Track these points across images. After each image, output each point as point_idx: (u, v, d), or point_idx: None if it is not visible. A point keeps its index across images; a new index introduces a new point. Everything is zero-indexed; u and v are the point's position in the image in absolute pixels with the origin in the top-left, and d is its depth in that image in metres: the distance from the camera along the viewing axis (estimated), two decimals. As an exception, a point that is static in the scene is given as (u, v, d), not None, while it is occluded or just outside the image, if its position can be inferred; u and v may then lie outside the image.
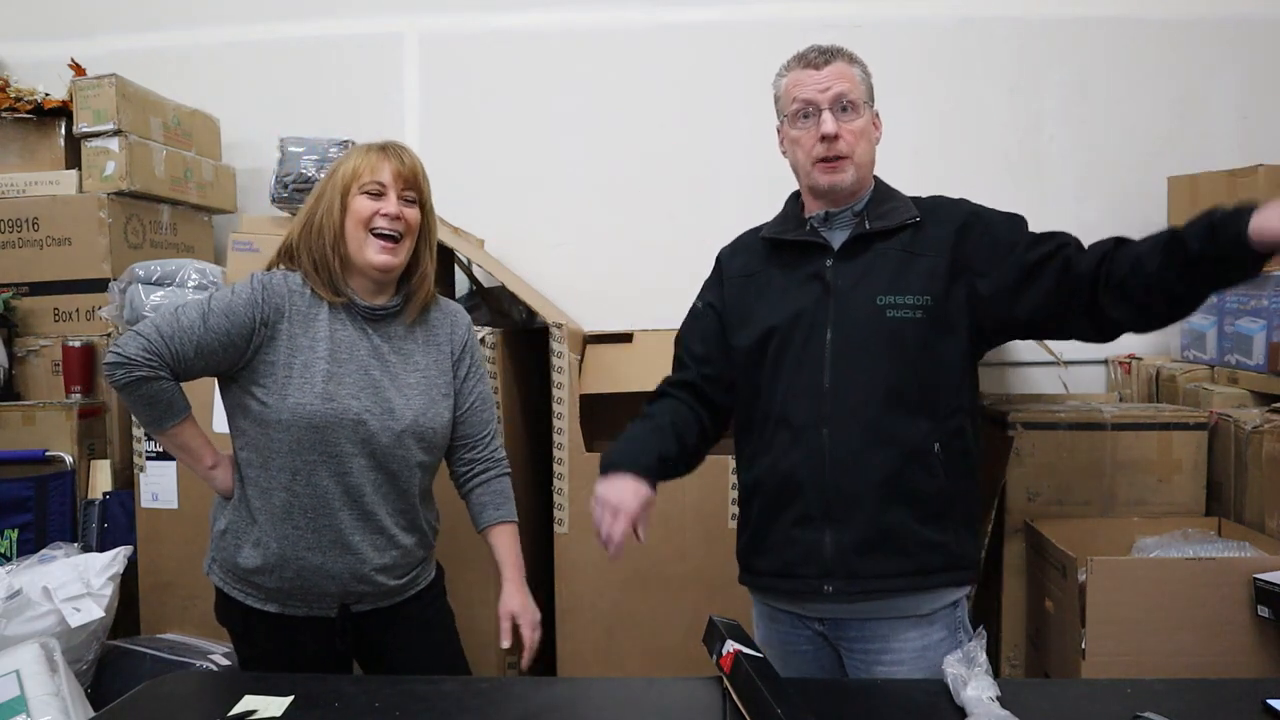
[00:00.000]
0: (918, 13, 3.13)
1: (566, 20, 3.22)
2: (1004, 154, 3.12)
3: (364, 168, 1.67)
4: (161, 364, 1.61)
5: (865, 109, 1.64)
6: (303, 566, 1.66)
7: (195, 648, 2.36)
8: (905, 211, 1.64)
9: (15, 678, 2.02)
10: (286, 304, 1.67)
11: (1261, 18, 3.05)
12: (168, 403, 1.65)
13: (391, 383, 1.69)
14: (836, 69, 1.62)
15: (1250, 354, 2.57)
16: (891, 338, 1.57)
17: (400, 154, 1.70)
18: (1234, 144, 3.01)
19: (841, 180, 1.62)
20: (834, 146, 1.60)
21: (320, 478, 1.64)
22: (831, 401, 1.58)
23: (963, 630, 1.64)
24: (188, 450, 1.71)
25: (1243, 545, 2.21)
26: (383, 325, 1.72)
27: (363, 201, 1.66)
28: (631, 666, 2.39)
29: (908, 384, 1.57)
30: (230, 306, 1.64)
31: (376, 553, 1.69)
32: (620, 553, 1.50)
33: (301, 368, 1.63)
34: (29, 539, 2.51)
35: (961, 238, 1.61)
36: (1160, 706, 1.31)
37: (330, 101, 3.21)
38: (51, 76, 2.86)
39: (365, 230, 1.66)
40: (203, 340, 1.62)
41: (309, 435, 1.62)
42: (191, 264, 2.47)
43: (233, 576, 1.71)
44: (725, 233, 1.87)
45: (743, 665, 1.37)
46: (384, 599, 1.74)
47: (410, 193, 1.70)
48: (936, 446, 1.58)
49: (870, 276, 1.60)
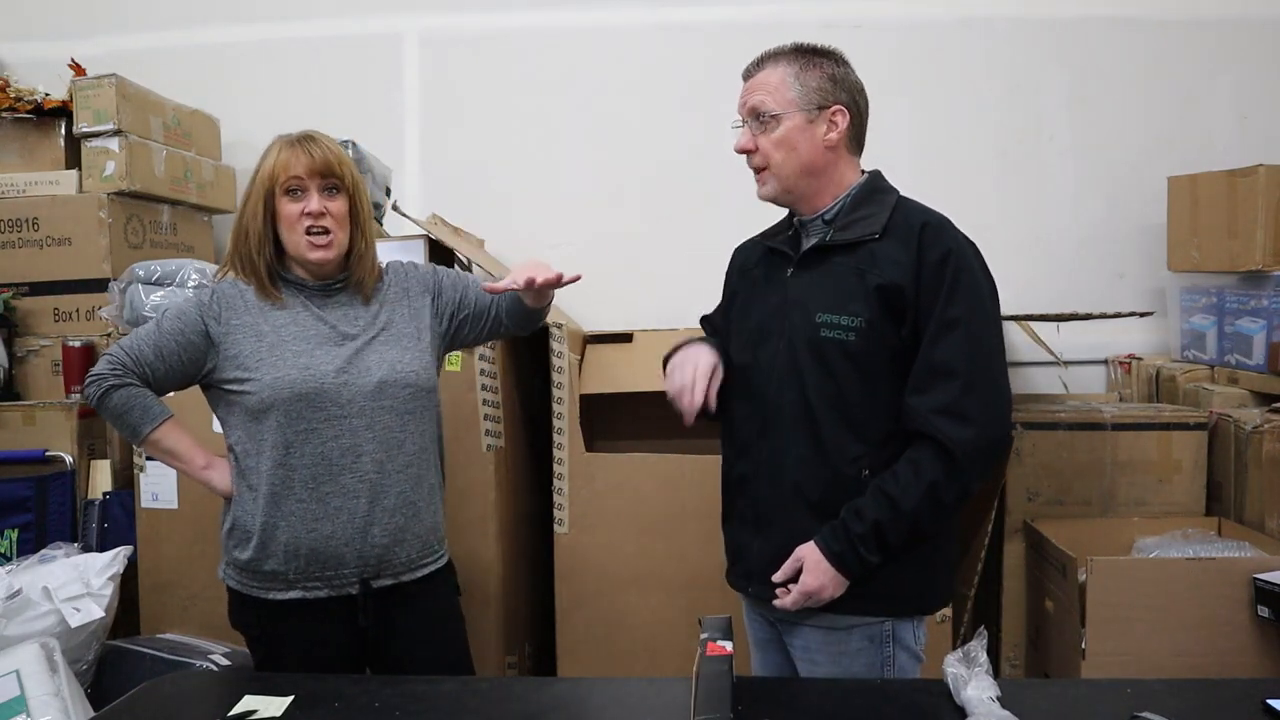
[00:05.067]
0: (918, 13, 3.13)
1: (567, 20, 3.22)
2: (1004, 154, 3.12)
3: (279, 167, 1.69)
4: (125, 371, 1.70)
5: (789, 116, 1.56)
6: (314, 540, 1.67)
7: (195, 648, 2.36)
8: (869, 226, 1.56)
9: (15, 678, 2.02)
10: (240, 301, 1.73)
11: (1261, 18, 3.05)
12: (141, 408, 1.71)
13: (362, 342, 1.72)
14: (759, 79, 1.59)
15: (1250, 354, 2.58)
16: (823, 358, 1.54)
17: (312, 146, 1.70)
18: (1234, 144, 3.01)
19: (764, 192, 1.61)
20: (750, 161, 1.60)
21: (313, 445, 1.67)
22: (775, 414, 1.59)
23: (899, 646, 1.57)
24: (175, 455, 1.76)
25: (1243, 545, 2.21)
26: (337, 298, 1.76)
27: (286, 204, 1.69)
28: (631, 666, 2.39)
29: (836, 405, 1.54)
30: (181, 309, 1.75)
31: (385, 514, 1.70)
32: (694, 413, 1.60)
33: (269, 349, 1.68)
34: (29, 539, 2.51)
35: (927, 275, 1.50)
36: (1160, 706, 1.31)
37: (330, 101, 3.21)
38: (51, 76, 2.86)
39: (297, 230, 1.69)
40: (159, 342, 1.71)
41: (294, 406, 1.65)
42: (191, 264, 2.47)
43: (247, 573, 1.72)
44: (725, 233, 1.87)
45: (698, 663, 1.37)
46: (403, 571, 1.74)
47: (331, 181, 1.71)
48: (865, 473, 1.53)
49: (817, 292, 1.56)
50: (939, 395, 1.49)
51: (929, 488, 1.48)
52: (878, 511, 1.49)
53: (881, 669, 1.56)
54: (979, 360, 1.51)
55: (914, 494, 1.48)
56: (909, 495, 1.48)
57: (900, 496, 1.48)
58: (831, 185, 1.61)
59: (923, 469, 1.48)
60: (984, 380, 1.50)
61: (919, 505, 1.48)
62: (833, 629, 1.57)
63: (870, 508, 1.50)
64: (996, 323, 1.57)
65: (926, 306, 1.50)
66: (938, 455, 1.48)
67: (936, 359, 1.49)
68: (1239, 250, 2.59)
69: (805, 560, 1.52)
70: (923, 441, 1.50)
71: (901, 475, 1.49)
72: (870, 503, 1.50)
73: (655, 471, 2.40)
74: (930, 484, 1.48)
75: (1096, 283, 3.07)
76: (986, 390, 1.51)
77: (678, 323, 2.62)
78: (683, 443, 2.45)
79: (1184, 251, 2.83)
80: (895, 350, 1.53)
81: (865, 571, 1.51)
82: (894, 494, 1.49)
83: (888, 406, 1.54)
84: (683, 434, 2.38)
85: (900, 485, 1.49)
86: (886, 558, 1.51)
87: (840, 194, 1.61)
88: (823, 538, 1.52)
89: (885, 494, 1.49)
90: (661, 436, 2.52)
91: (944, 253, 1.51)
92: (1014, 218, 3.09)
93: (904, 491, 1.48)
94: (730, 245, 1.84)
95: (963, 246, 1.55)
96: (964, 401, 1.48)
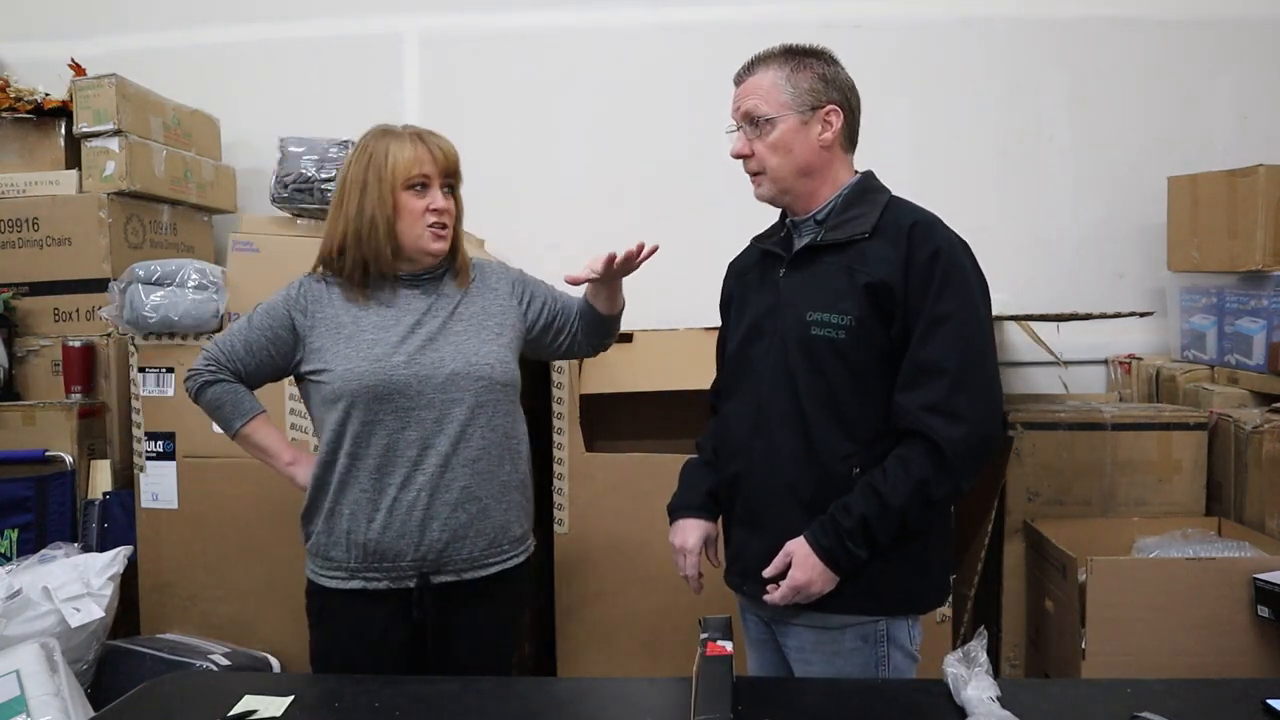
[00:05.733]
0: (918, 13, 3.14)
1: (567, 20, 3.22)
2: (1004, 154, 3.13)
3: (412, 163, 1.73)
4: (219, 366, 1.80)
5: (784, 119, 1.56)
6: (373, 531, 1.70)
7: (195, 648, 2.36)
8: (859, 225, 1.56)
9: (15, 678, 2.02)
10: (325, 295, 1.78)
11: (1261, 18, 3.06)
12: (234, 403, 1.81)
13: (440, 333, 1.76)
14: (751, 83, 1.59)
15: (1250, 354, 2.58)
16: (813, 356, 1.54)
17: (436, 144, 1.77)
18: (1234, 144, 3.01)
19: (761, 194, 1.62)
20: (746, 165, 1.61)
21: (379, 437, 1.70)
22: (766, 413, 1.59)
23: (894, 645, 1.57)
24: (264, 450, 1.84)
25: (1243, 545, 2.21)
26: (430, 288, 1.80)
27: (411, 198, 1.73)
28: (631, 666, 2.39)
29: (826, 403, 1.54)
30: (270, 305, 1.81)
31: (446, 509, 1.71)
32: (700, 585, 1.68)
33: (346, 340, 1.73)
34: (29, 539, 2.51)
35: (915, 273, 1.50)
36: (1160, 706, 1.31)
37: (330, 101, 3.21)
38: (51, 76, 2.86)
39: (419, 224, 1.74)
40: (250, 337, 1.79)
41: (362, 398, 1.69)
42: (191, 264, 2.47)
43: (318, 562, 1.76)
44: (725, 233, 1.87)
45: (698, 663, 1.37)
46: (465, 569, 1.74)
47: (450, 180, 1.79)
48: (856, 471, 1.53)
49: (808, 291, 1.57)
50: (929, 393, 1.48)
51: (918, 485, 1.48)
52: (866, 507, 1.49)
53: (876, 669, 1.56)
54: (969, 358, 1.49)
55: (903, 491, 1.48)
56: (898, 492, 1.48)
57: (889, 493, 1.48)
58: (826, 185, 1.61)
59: (912, 466, 1.48)
60: (974, 378, 1.50)
61: (907, 502, 1.48)
62: (825, 628, 1.57)
63: (858, 503, 1.49)
64: (987, 320, 1.56)
65: (915, 304, 1.50)
66: (928, 453, 1.48)
67: (926, 357, 1.49)
68: (1239, 250, 2.59)
69: (794, 555, 1.52)
70: (913, 439, 1.50)
71: (891, 472, 1.50)
72: (859, 499, 1.50)
73: (655, 471, 2.39)
74: (919, 481, 1.48)
75: (1096, 283, 3.07)
76: (976, 388, 1.50)
77: (678, 323, 2.62)
78: (683, 443, 2.44)
79: (1184, 251, 2.84)
80: (884, 349, 1.53)
81: (854, 567, 1.51)
82: (883, 490, 1.48)
83: (878, 405, 1.54)
84: (683, 434, 2.38)
85: (889, 482, 1.49)
86: (874, 554, 1.51)
87: (834, 194, 1.61)
88: (811, 533, 1.52)
89: (874, 490, 1.49)
90: (661, 436, 2.53)
91: (934, 250, 1.51)
92: (1014, 218, 3.09)
93: (893, 488, 1.48)
94: (730, 245, 1.84)
95: (953, 244, 1.54)
96: (954, 399, 1.47)
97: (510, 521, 1.79)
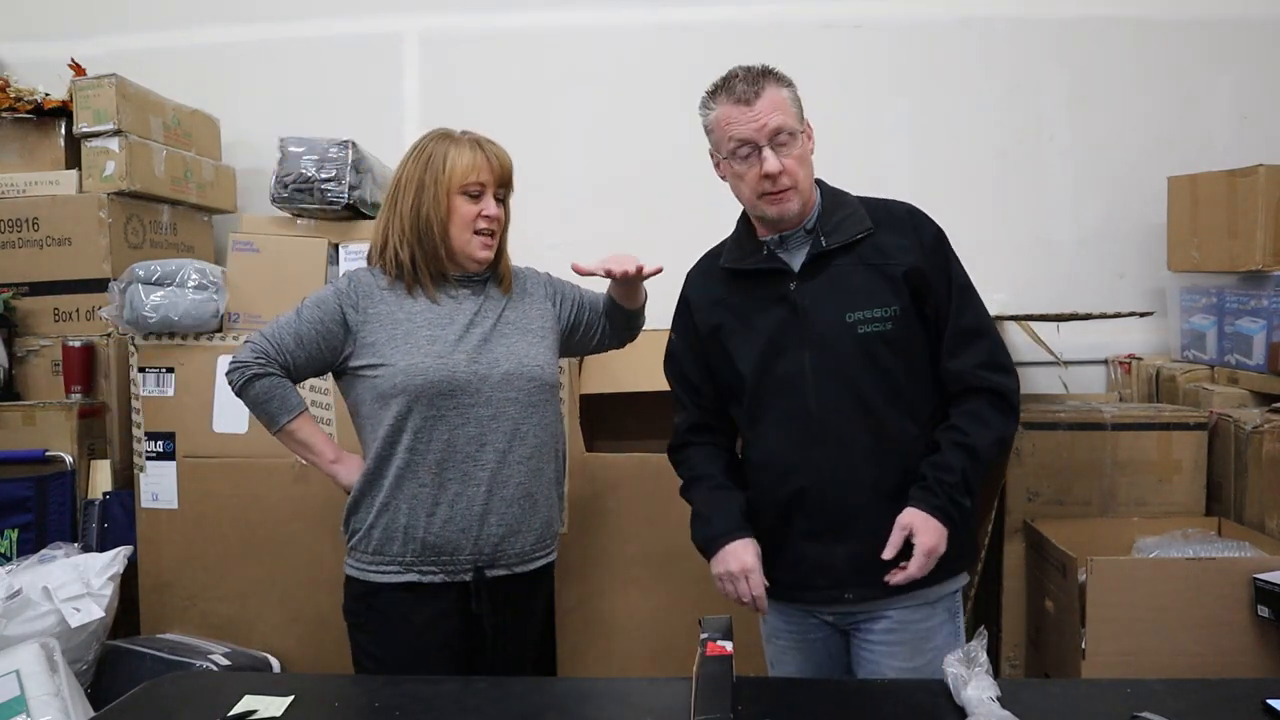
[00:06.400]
0: (918, 13, 3.13)
1: (566, 20, 3.22)
2: (1004, 154, 3.12)
3: (470, 170, 1.77)
4: (268, 360, 1.77)
5: (800, 132, 1.62)
6: (432, 524, 1.72)
7: (195, 648, 2.36)
8: (858, 223, 1.64)
9: (15, 678, 2.03)
10: (376, 291, 1.80)
11: (1261, 18, 3.05)
12: (281, 399, 1.79)
13: (492, 334, 1.79)
14: (768, 100, 1.58)
15: (1250, 354, 2.58)
16: (866, 353, 1.61)
17: (493, 152, 1.81)
18: (1234, 144, 3.01)
19: (789, 209, 1.62)
20: (778, 182, 1.60)
21: (441, 432, 1.72)
22: (821, 422, 1.62)
23: (960, 614, 1.71)
24: (308, 447, 1.83)
25: (1243, 545, 2.21)
26: (477, 290, 1.84)
27: (464, 204, 1.77)
28: (631, 666, 2.39)
29: (889, 395, 1.61)
30: (320, 298, 1.81)
31: (503, 504, 1.74)
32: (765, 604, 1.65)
33: (404, 336, 1.75)
34: (29, 539, 2.51)
35: (930, 254, 1.64)
36: (1160, 706, 1.31)
37: (330, 101, 3.21)
38: (51, 76, 2.86)
39: (469, 230, 1.78)
40: (300, 330, 1.77)
41: (426, 393, 1.71)
42: (191, 264, 2.47)
43: (366, 557, 1.76)
44: (725, 233, 1.87)
45: (698, 663, 1.37)
46: (516, 563, 1.78)
47: (503, 190, 1.84)
48: (925, 447, 1.63)
49: (836, 294, 1.62)
50: (979, 353, 1.63)
51: (998, 431, 1.62)
52: (960, 460, 1.59)
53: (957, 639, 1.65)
54: (989, 319, 1.69)
55: (987, 438, 1.60)
56: (983, 440, 1.60)
57: (975, 443, 1.59)
58: (813, 195, 1.68)
59: (985, 416, 1.61)
60: (998, 335, 1.70)
61: (991, 447, 1.62)
62: (924, 604, 1.63)
63: (952, 459, 1.59)
64: None
65: (940, 281, 1.63)
66: (993, 404, 1.62)
67: (965, 324, 1.64)
68: (1239, 250, 2.59)
69: (914, 525, 1.56)
70: (974, 395, 1.63)
71: (968, 425, 1.61)
72: (950, 455, 1.60)
73: (655, 471, 2.39)
74: (999, 427, 1.62)
75: (1096, 283, 3.07)
76: (1002, 343, 1.70)
77: (678, 323, 2.62)
78: (683, 443, 2.45)
79: (1184, 251, 2.84)
80: (923, 328, 1.64)
81: (964, 519, 1.62)
82: (968, 442, 1.59)
83: (929, 382, 1.66)
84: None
85: (972, 434, 1.60)
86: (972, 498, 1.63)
87: (813, 205, 1.67)
88: (921, 500, 1.58)
89: (961, 444, 1.60)
90: (661, 436, 2.52)
91: (935, 231, 1.67)
92: (1014, 218, 3.09)
93: (979, 438, 1.60)
94: (730, 245, 1.84)
95: (924, 216, 1.70)
96: (999, 355, 1.66)
97: (554, 517, 1.87)
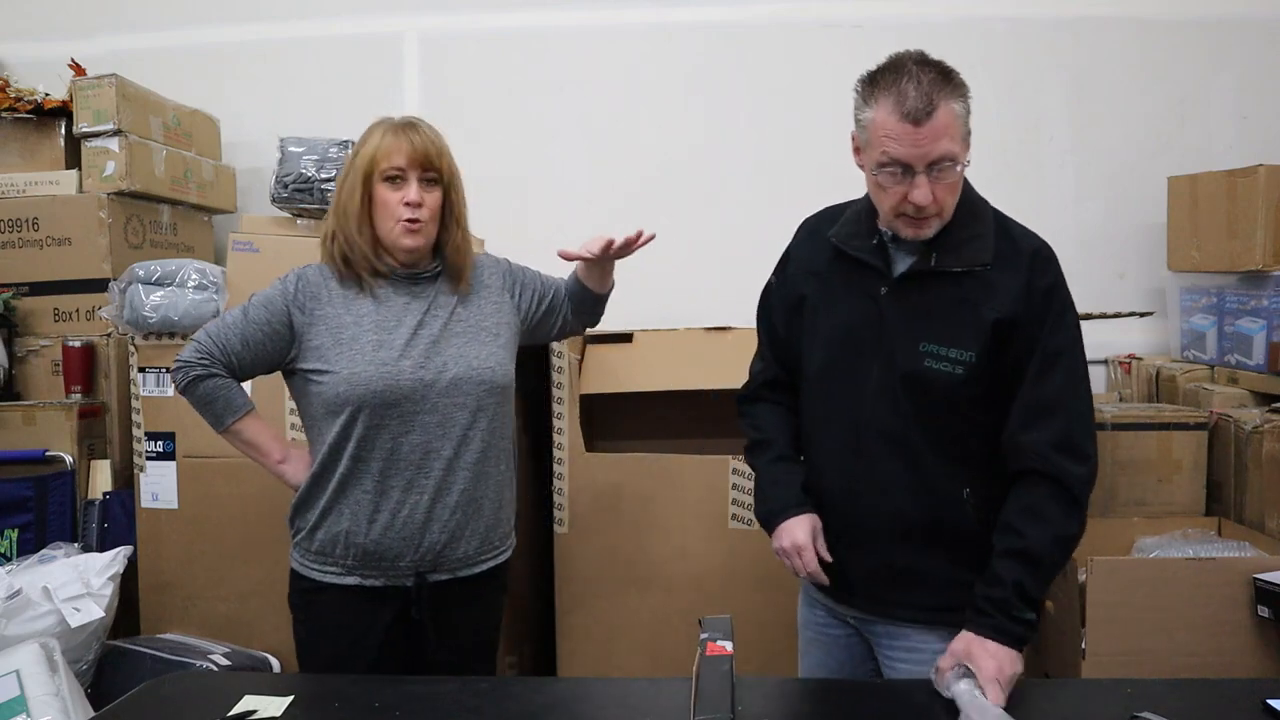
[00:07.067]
0: (918, 12, 3.13)
1: (566, 20, 3.22)
2: (1004, 154, 3.12)
3: (381, 154, 1.70)
4: (213, 360, 1.72)
5: (962, 154, 1.47)
6: (373, 532, 1.69)
7: (195, 648, 2.36)
8: (978, 253, 1.49)
9: (15, 678, 2.02)
10: (324, 291, 1.74)
11: (1260, 18, 3.05)
12: (225, 400, 1.75)
13: (441, 336, 1.73)
14: (940, 123, 1.42)
15: (1250, 354, 2.57)
16: (927, 388, 1.49)
17: (415, 134, 1.71)
18: (1234, 144, 3.01)
19: (924, 235, 1.48)
20: (923, 210, 1.45)
21: (384, 440, 1.69)
22: (867, 435, 1.54)
23: None
24: (254, 446, 1.80)
25: (1243, 545, 2.21)
26: (427, 287, 1.77)
27: (385, 191, 1.70)
28: (631, 666, 2.39)
29: (935, 438, 1.51)
30: (267, 298, 1.75)
31: (445, 511, 1.71)
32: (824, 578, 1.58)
33: (349, 341, 1.70)
34: (29, 539, 2.51)
35: (1032, 305, 1.47)
36: (1160, 706, 1.31)
37: (330, 101, 3.21)
38: (51, 76, 2.86)
39: (393, 218, 1.70)
40: (246, 331, 1.72)
41: (369, 402, 1.67)
42: (191, 264, 2.47)
43: (310, 556, 1.75)
44: (726, 233, 1.87)
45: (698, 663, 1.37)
46: (459, 567, 1.75)
47: (430, 174, 1.72)
48: (966, 492, 1.52)
49: (920, 317, 1.50)
50: (1052, 431, 1.45)
51: (1056, 529, 1.44)
52: (1012, 571, 1.43)
53: None
54: (1081, 394, 1.49)
55: (1043, 539, 1.43)
56: (1039, 541, 1.43)
57: (1034, 550, 1.43)
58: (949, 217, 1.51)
59: (1043, 510, 1.44)
60: (1086, 414, 1.49)
61: (1049, 549, 1.44)
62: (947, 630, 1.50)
63: (1004, 569, 1.44)
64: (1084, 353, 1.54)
65: (1029, 336, 1.47)
66: (1054, 497, 1.45)
67: (1045, 394, 1.47)
68: (1239, 250, 2.59)
69: (969, 652, 1.40)
70: (1035, 480, 1.46)
71: (1021, 525, 1.44)
72: (1004, 566, 1.44)
73: (655, 471, 2.40)
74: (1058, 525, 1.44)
75: (1096, 283, 3.06)
76: (1088, 424, 1.50)
77: (678, 323, 2.62)
78: (683, 443, 2.45)
79: (1184, 251, 2.83)
80: (994, 381, 1.49)
81: (1030, 631, 1.43)
82: (1022, 547, 1.43)
83: (984, 430, 1.51)
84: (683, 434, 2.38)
85: (1028, 535, 1.43)
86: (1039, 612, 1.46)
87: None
88: (973, 621, 1.44)
89: (1012, 553, 1.44)
90: (661, 436, 2.53)
91: (1052, 283, 1.49)
92: (1014, 218, 3.08)
93: (1033, 540, 1.43)
94: (730, 245, 1.84)
95: (1062, 276, 1.52)
96: (1077, 437, 1.46)
97: (501, 519, 1.81)
